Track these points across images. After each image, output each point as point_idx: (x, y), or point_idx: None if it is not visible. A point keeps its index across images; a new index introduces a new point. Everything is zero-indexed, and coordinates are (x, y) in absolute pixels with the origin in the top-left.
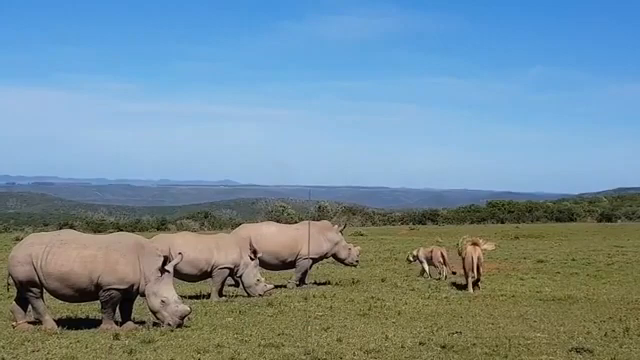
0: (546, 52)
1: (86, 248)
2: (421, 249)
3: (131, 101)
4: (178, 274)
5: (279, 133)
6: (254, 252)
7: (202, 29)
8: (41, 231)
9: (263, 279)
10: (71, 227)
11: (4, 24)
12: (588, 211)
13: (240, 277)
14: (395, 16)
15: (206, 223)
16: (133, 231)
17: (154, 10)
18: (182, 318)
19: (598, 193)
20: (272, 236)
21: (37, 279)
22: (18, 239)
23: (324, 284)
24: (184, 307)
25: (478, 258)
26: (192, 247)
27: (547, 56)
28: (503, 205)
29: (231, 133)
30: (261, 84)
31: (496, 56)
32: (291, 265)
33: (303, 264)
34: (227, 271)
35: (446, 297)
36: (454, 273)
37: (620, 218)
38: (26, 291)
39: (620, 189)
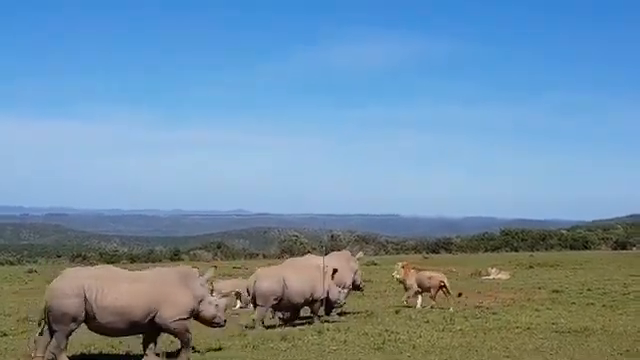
0: (559, 78)
1: (140, 282)
2: None
3: (144, 131)
4: (289, 303)
5: (291, 161)
6: (335, 271)
7: (214, 57)
8: (54, 262)
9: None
10: (84, 258)
11: (17, 54)
12: (602, 239)
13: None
14: (410, 43)
15: (219, 253)
16: (147, 262)
17: (164, 38)
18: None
19: (612, 220)
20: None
21: (86, 312)
22: (31, 271)
23: (338, 315)
24: (222, 299)
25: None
26: (302, 278)
27: (561, 82)
28: (517, 233)
29: (244, 161)
30: (273, 112)
31: (509, 82)
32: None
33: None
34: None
35: (461, 329)
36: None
37: (635, 246)
38: (64, 325)
39: (634, 215)
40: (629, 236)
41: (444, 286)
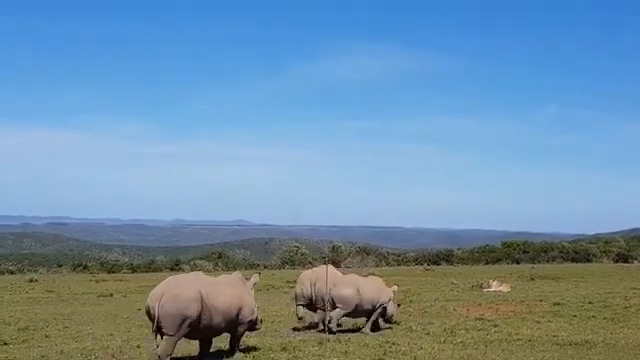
0: (561, 91)
1: (231, 287)
2: None
3: (145, 142)
4: (359, 310)
5: (292, 173)
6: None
7: (215, 71)
8: (55, 272)
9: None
10: (85, 268)
11: (17, 65)
12: (604, 251)
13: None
14: (408, 56)
15: (220, 263)
16: (147, 272)
17: (165, 52)
18: None
19: (613, 233)
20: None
21: (202, 315)
22: (32, 280)
23: (337, 326)
24: None
25: None
26: (372, 287)
27: (562, 95)
28: (518, 245)
29: (245, 173)
30: (274, 125)
31: (510, 95)
32: None
33: None
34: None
35: (462, 342)
36: None
37: (636, 259)
38: (182, 330)
39: (635, 229)
40: (631, 249)
41: None
